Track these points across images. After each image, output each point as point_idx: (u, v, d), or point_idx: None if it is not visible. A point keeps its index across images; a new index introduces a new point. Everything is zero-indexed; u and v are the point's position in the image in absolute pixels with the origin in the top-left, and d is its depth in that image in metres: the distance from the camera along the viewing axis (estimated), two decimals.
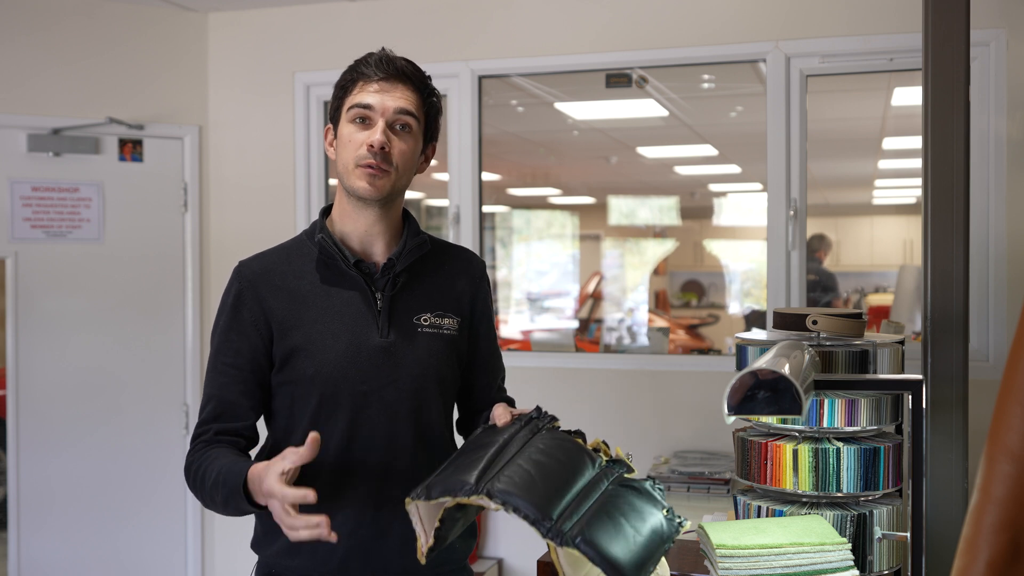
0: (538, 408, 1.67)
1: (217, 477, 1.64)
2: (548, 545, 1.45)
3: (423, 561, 1.52)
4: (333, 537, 1.45)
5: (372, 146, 1.71)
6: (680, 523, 1.55)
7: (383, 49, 1.79)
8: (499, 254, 9.35)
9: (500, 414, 1.65)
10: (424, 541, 1.52)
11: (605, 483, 1.54)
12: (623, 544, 1.43)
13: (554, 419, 1.64)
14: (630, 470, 1.59)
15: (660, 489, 1.58)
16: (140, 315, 3.97)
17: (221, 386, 1.75)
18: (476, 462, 1.51)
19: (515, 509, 1.42)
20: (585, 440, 1.63)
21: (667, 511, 1.55)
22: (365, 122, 1.74)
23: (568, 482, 1.49)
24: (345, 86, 1.78)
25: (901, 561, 1.83)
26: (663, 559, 1.54)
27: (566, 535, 1.41)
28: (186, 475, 1.73)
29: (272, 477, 1.49)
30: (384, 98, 1.74)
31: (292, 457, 1.49)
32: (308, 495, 1.45)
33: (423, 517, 1.53)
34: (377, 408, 1.74)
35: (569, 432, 1.63)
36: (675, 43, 3.63)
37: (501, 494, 1.43)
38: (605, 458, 1.59)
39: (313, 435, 1.50)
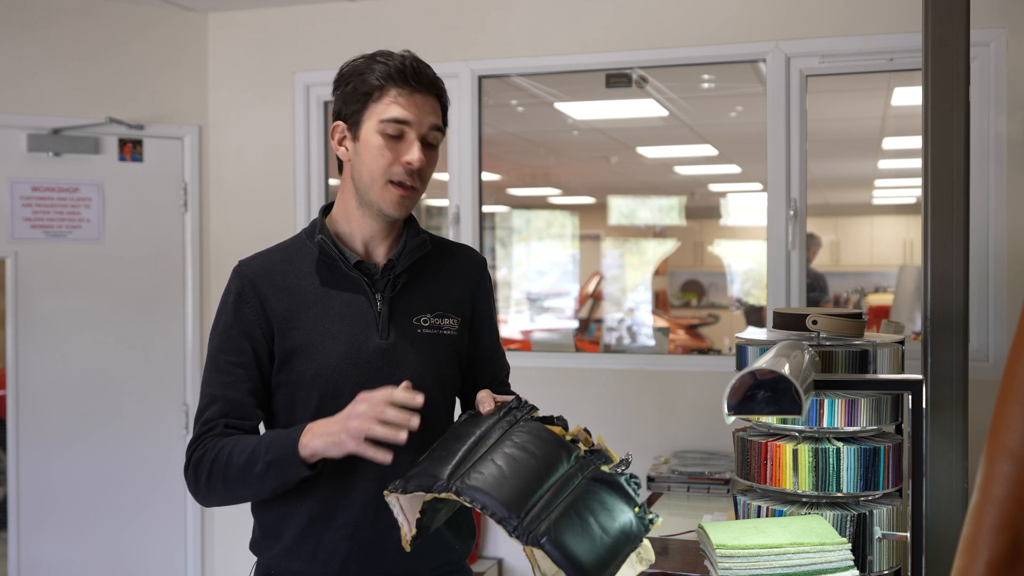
0: (517, 397, 1.64)
1: (257, 447, 1.63)
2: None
3: (408, 549, 1.53)
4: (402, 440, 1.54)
5: (411, 163, 1.70)
6: (651, 520, 1.52)
7: (409, 52, 1.75)
8: (499, 254, 9.35)
9: (483, 398, 1.64)
10: (408, 530, 1.53)
11: (579, 478, 1.52)
12: (588, 544, 1.42)
13: (533, 408, 1.62)
14: (608, 460, 1.56)
15: (635, 485, 1.55)
16: (140, 315, 3.97)
17: (226, 385, 1.72)
18: (451, 455, 1.51)
19: (483, 507, 1.42)
20: (567, 427, 1.60)
21: (639, 508, 1.52)
22: (398, 135, 1.71)
23: (540, 478, 1.48)
24: (370, 92, 1.71)
25: (901, 561, 1.83)
26: (646, 542, 1.53)
27: (532, 534, 1.40)
28: (195, 468, 1.69)
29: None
30: (420, 114, 1.71)
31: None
32: (418, 398, 1.54)
33: (404, 507, 1.54)
34: None
35: (550, 419, 1.60)
36: (675, 43, 3.63)
37: (469, 491, 1.43)
38: (584, 448, 1.56)
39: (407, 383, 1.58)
